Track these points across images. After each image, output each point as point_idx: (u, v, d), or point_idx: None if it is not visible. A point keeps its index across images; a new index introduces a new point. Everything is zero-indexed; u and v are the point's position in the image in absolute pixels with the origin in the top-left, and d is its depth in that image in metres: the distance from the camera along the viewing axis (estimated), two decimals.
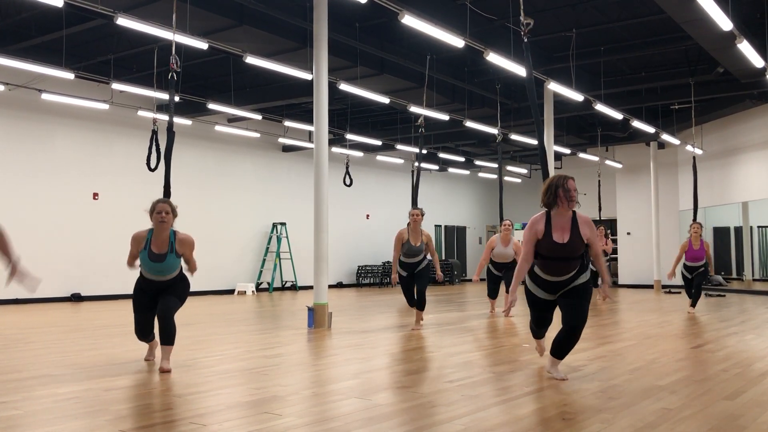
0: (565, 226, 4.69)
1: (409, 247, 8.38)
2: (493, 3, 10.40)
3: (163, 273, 5.51)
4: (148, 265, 5.47)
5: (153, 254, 5.42)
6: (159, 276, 5.52)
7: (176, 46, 7.07)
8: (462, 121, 15.01)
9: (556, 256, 4.66)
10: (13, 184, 13.46)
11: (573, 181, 4.78)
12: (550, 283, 4.80)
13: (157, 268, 5.46)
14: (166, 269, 5.49)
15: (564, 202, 4.67)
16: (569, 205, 4.68)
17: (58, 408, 4.12)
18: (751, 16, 10.91)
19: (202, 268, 19.15)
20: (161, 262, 5.43)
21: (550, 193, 4.72)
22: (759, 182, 16.71)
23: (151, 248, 5.42)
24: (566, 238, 4.66)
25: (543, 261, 4.73)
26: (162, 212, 5.39)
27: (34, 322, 9.67)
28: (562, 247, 4.65)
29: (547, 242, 4.67)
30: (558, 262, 4.69)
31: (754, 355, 6.35)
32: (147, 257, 5.43)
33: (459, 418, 3.82)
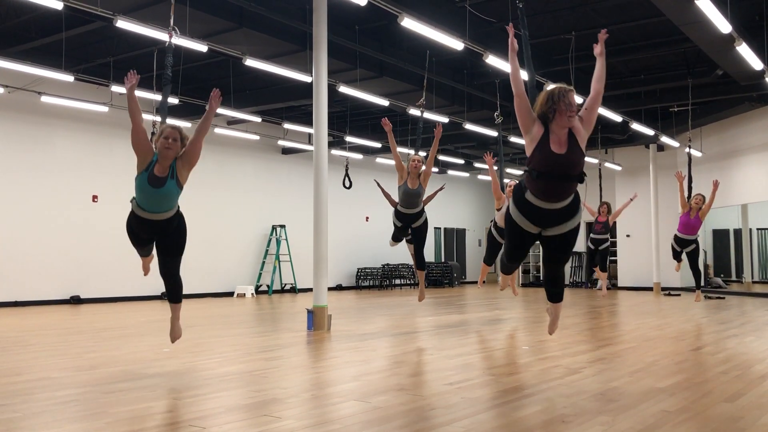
0: (563, 138, 4.20)
1: (405, 189, 7.89)
2: (493, 5, 10.42)
3: (160, 205, 4.92)
4: (146, 192, 4.86)
5: (153, 177, 4.85)
6: (155, 210, 4.92)
7: (176, 48, 7.05)
8: (461, 124, 15.02)
9: (554, 171, 4.14)
10: (12, 187, 13.46)
11: (573, 94, 4.31)
12: (542, 211, 4.24)
13: (155, 197, 4.86)
14: (163, 199, 4.90)
15: (564, 114, 4.16)
16: (569, 119, 4.18)
17: (58, 411, 4.12)
18: (749, 19, 10.93)
19: (202, 270, 19.12)
20: (161, 187, 4.85)
21: (550, 102, 4.20)
22: (758, 185, 16.72)
23: (153, 171, 4.88)
24: (564, 149, 4.17)
25: (539, 181, 4.18)
26: (169, 138, 4.91)
27: (33, 325, 9.67)
28: (560, 158, 4.15)
29: (544, 151, 4.15)
30: (556, 181, 4.16)
31: (753, 357, 6.35)
32: (146, 181, 4.84)
33: (458, 420, 3.82)
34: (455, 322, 9.87)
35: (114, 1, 8.99)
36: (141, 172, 4.90)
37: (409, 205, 7.92)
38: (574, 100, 4.24)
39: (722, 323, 9.68)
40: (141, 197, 4.92)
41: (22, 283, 13.48)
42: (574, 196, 4.29)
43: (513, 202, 4.39)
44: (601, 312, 11.86)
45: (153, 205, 4.90)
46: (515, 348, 7.04)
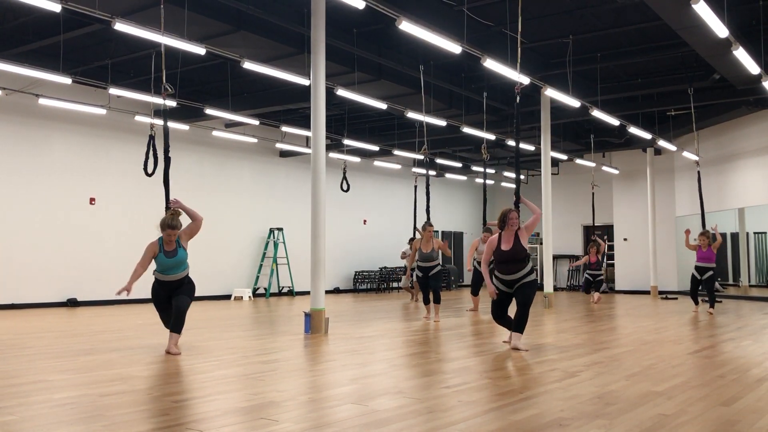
0: (510, 239, 7.01)
1: (421, 253, 10.65)
2: (490, 9, 10.44)
3: (176, 269, 6.78)
4: (164, 263, 6.74)
5: (167, 252, 6.78)
6: (172, 273, 6.77)
7: (173, 51, 7.10)
8: (459, 127, 15.03)
9: (504, 259, 6.98)
10: (9, 189, 13.44)
11: (514, 213, 7.07)
12: (506, 280, 7.00)
13: (170, 264, 6.75)
14: (177, 264, 6.79)
15: (508, 227, 7.06)
16: (510, 229, 7.05)
17: (54, 414, 4.11)
18: (746, 23, 10.96)
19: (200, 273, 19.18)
20: (174, 257, 6.77)
21: (501, 221, 7.10)
22: (755, 188, 16.76)
23: (165, 249, 6.80)
24: (509, 247, 6.98)
25: (499, 264, 7.03)
26: (171, 235, 6.81)
27: (30, 328, 9.65)
28: (504, 252, 6.98)
29: (498, 251, 7.05)
30: (506, 265, 6.97)
31: (750, 360, 6.35)
32: (164, 257, 6.75)
33: (456, 423, 3.82)
34: (452, 326, 9.87)
35: (112, 4, 8.99)
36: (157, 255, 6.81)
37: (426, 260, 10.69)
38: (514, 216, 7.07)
39: (719, 327, 9.69)
40: (160, 269, 6.81)
41: (19, 286, 13.45)
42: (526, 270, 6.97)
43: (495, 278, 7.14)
44: (599, 315, 11.87)
45: (170, 270, 6.81)
46: (512, 351, 7.04)
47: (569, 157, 19.85)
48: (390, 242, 21.98)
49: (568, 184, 22.88)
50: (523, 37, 11.78)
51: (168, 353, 6.61)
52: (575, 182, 22.67)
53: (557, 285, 22.45)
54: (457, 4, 9.96)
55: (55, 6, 8.05)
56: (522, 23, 10.08)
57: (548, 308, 13.38)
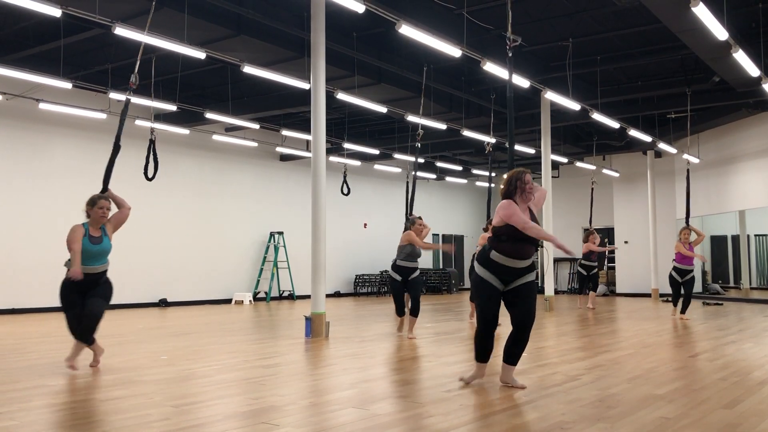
0: (525, 210, 5.09)
1: (413, 249, 8.74)
2: (490, 13, 10.45)
3: (98, 259, 6.05)
4: (88, 250, 5.97)
5: (92, 237, 6.03)
6: (93, 264, 6.00)
7: (174, 55, 7.09)
8: (459, 130, 15.04)
9: (521, 236, 4.92)
10: (10, 194, 13.45)
11: (530, 175, 5.19)
12: (508, 269, 4.98)
13: (94, 252, 6.00)
14: (101, 253, 6.06)
15: (524, 194, 5.09)
16: (526, 197, 5.08)
17: (55, 418, 4.10)
18: (746, 26, 10.97)
19: (199, 277, 19.07)
20: (99, 244, 6.04)
21: (511, 186, 5.11)
22: (756, 191, 16.75)
23: (90, 233, 6.04)
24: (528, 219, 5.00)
25: (506, 243, 4.96)
26: (104, 208, 6.11)
27: (31, 332, 9.65)
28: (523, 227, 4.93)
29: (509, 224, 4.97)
30: (522, 244, 4.94)
31: (752, 363, 6.34)
32: (88, 242, 5.99)
33: (456, 428, 3.81)
34: (453, 329, 9.86)
35: (112, 9, 9.01)
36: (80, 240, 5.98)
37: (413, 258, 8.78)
38: (529, 179, 5.16)
39: (720, 329, 9.67)
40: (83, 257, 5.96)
41: (19, 291, 13.45)
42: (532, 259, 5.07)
43: (482, 267, 5.09)
44: (599, 318, 11.86)
45: (93, 260, 6.02)
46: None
47: (569, 160, 19.85)
48: (390, 246, 21.86)
49: (569, 186, 22.87)
50: (523, 40, 11.81)
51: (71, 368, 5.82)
52: (576, 185, 22.65)
53: (558, 288, 22.43)
54: (456, 8, 9.97)
55: (55, 11, 8.06)
56: (522, 26, 10.10)
57: (549, 311, 13.36)
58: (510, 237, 4.94)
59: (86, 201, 6.16)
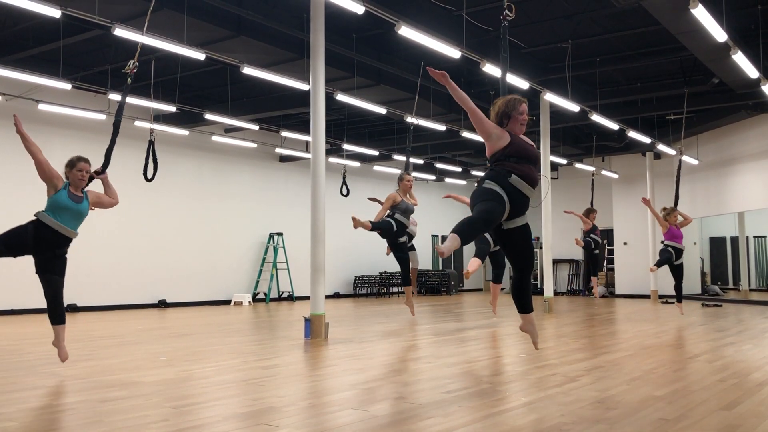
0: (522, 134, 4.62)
1: (407, 206, 8.77)
2: (490, 14, 10.45)
3: (74, 221, 5.63)
4: (67, 204, 5.55)
5: (72, 194, 5.63)
6: (70, 226, 5.59)
7: (173, 56, 7.08)
8: (458, 132, 15.05)
9: (529, 155, 4.43)
10: (9, 195, 13.44)
11: (525, 104, 4.61)
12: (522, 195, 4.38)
13: (73, 209, 5.60)
14: (78, 215, 5.66)
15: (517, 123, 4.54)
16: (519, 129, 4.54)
17: (54, 420, 4.10)
18: (745, 27, 10.98)
19: (198, 278, 18.98)
20: (79, 204, 5.65)
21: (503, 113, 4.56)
22: (755, 192, 16.76)
23: (71, 191, 5.65)
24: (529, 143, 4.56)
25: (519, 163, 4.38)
26: (83, 170, 5.75)
27: (30, 333, 9.64)
28: (531, 148, 4.51)
29: (517, 142, 4.45)
30: (532, 166, 4.44)
31: (751, 365, 6.35)
32: (67, 196, 5.57)
33: (456, 429, 3.81)
34: (453, 330, 9.86)
35: (112, 10, 9.02)
36: (58, 191, 5.58)
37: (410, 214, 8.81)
38: (525, 109, 4.55)
39: (720, 331, 9.68)
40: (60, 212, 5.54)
41: (18, 292, 13.43)
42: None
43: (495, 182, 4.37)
44: (599, 320, 11.86)
45: (70, 219, 5.59)
46: (513, 356, 7.03)
47: (569, 162, 19.86)
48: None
49: (568, 188, 22.88)
50: (522, 41, 11.86)
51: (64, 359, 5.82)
52: (575, 186, 22.66)
53: (557, 289, 22.43)
54: (456, 9, 9.98)
55: (54, 12, 8.07)
56: (521, 28, 10.11)
57: (548, 313, 13.36)
58: (522, 157, 4.39)
59: (66, 162, 5.83)
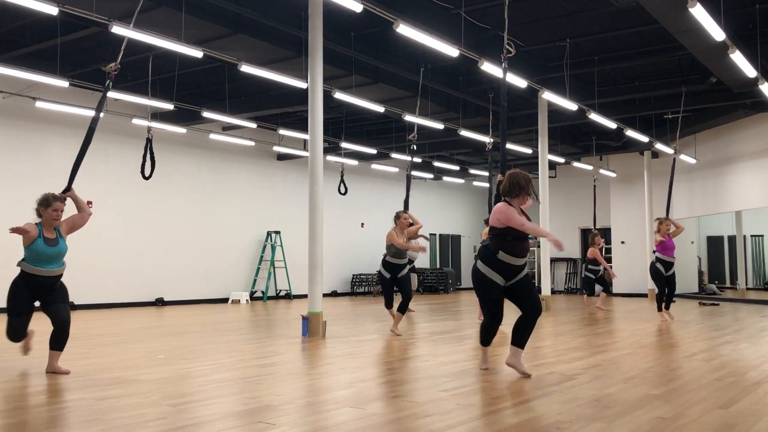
0: (519, 211, 5.46)
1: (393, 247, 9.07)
2: (488, 12, 10.46)
3: (56, 262, 5.73)
4: (44, 252, 5.67)
5: (47, 239, 5.71)
6: (50, 267, 5.71)
7: (171, 54, 7.07)
8: (457, 130, 15.05)
9: (522, 235, 5.35)
10: (6, 193, 13.41)
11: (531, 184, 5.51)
12: (510, 267, 5.39)
13: (51, 254, 5.69)
14: (58, 256, 5.75)
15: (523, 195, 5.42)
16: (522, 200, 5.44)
17: (51, 418, 4.09)
18: (743, 27, 10.99)
19: (196, 276, 18.95)
20: (56, 246, 5.73)
21: (515, 187, 5.39)
22: (752, 191, 16.78)
23: (45, 236, 5.73)
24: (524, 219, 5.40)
25: (512, 242, 5.34)
26: (59, 210, 5.79)
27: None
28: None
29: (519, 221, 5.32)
30: (522, 242, 5.39)
31: (748, 363, 6.36)
32: (43, 244, 5.68)
33: (453, 427, 3.81)
34: (450, 329, 9.86)
35: (109, 7, 8.99)
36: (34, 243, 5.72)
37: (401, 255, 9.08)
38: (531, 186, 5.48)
39: (717, 330, 9.69)
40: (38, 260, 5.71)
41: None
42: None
43: (485, 265, 5.43)
44: (596, 318, 11.87)
45: (50, 262, 5.72)
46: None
47: (567, 160, 19.87)
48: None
49: (566, 187, 22.90)
50: (521, 40, 11.84)
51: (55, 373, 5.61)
52: (573, 185, 22.69)
53: (554, 288, 22.45)
54: (454, 8, 9.97)
55: (52, 9, 8.05)
56: (519, 26, 10.10)
57: (546, 311, 13.37)
58: (515, 236, 5.33)
59: (38, 199, 5.81)
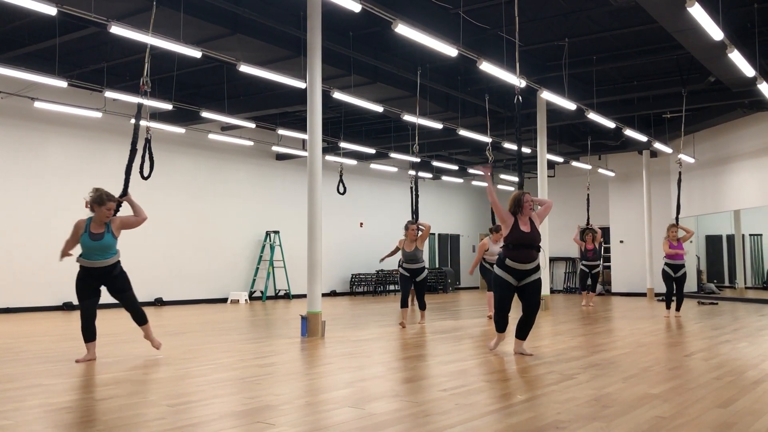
0: (527, 223, 6.47)
1: (405, 253, 10.08)
2: (486, 12, 10.46)
3: (101, 254, 6.26)
4: (88, 245, 6.22)
5: (92, 234, 6.25)
6: (96, 259, 6.25)
7: (169, 54, 7.09)
8: (455, 130, 15.05)
9: (522, 243, 6.35)
10: (5, 193, 13.41)
11: (529, 195, 6.56)
12: (518, 270, 6.40)
13: (95, 247, 6.22)
14: (103, 249, 6.25)
15: (523, 211, 6.48)
16: (524, 211, 6.47)
17: (50, 418, 4.09)
18: (741, 26, 11.00)
19: (195, 276, 18.99)
20: (99, 240, 6.24)
21: (515, 205, 6.52)
22: (751, 190, 16.80)
23: (91, 230, 6.27)
24: (528, 229, 6.43)
25: (513, 251, 6.39)
26: (111, 210, 6.38)
27: (26, 332, 9.62)
28: (526, 235, 6.39)
29: (515, 232, 6.41)
30: (522, 250, 6.36)
31: (747, 363, 6.36)
32: (88, 238, 6.23)
33: (453, 426, 3.81)
34: (449, 328, 9.86)
35: (107, 7, 8.99)
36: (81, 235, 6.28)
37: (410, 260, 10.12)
38: (528, 199, 6.50)
39: (715, 329, 9.70)
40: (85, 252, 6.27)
41: (15, 290, 13.41)
42: (538, 261, 6.46)
43: (499, 268, 6.52)
44: (595, 318, 11.88)
45: (96, 255, 6.27)
46: (509, 354, 7.03)
47: (565, 160, 19.88)
48: (386, 245, 21.79)
49: (565, 186, 22.90)
50: (519, 39, 11.84)
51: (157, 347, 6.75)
52: (571, 184, 22.69)
53: (554, 287, 22.46)
54: (452, 7, 9.97)
55: (50, 9, 8.04)
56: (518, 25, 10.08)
57: (545, 310, 13.37)
58: (515, 245, 6.38)
59: (93, 196, 6.37)
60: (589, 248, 14.60)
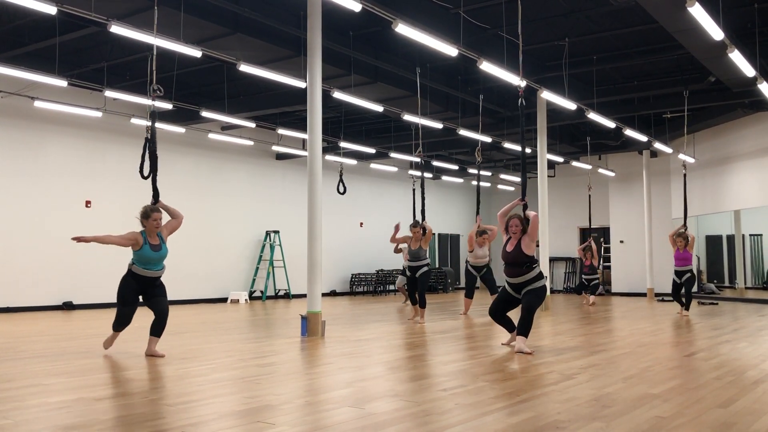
0: (513, 243, 7.05)
1: (410, 251, 10.63)
2: (487, 12, 10.46)
3: (159, 264, 6.72)
4: (150, 257, 6.63)
5: (153, 246, 6.66)
6: (155, 269, 6.70)
7: (169, 54, 7.09)
8: (455, 130, 15.05)
9: (506, 261, 7.07)
10: (5, 192, 13.41)
11: (515, 220, 7.05)
12: (511, 284, 7.12)
13: (156, 258, 6.67)
14: (162, 259, 6.72)
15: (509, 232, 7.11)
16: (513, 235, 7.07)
17: (49, 417, 4.09)
18: (742, 26, 11.00)
19: (195, 275, 18.98)
20: (159, 251, 6.69)
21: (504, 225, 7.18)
22: (751, 190, 16.80)
23: (150, 242, 6.66)
24: (511, 249, 7.04)
25: (504, 266, 7.15)
26: (157, 219, 6.73)
27: (25, 331, 9.62)
28: (508, 254, 7.06)
29: (503, 250, 7.17)
30: (508, 267, 7.08)
31: (747, 363, 6.36)
32: (150, 249, 6.64)
33: (453, 426, 3.81)
34: (449, 328, 9.86)
35: (108, 7, 8.98)
36: (141, 248, 6.62)
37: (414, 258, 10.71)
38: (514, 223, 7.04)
39: (715, 329, 9.70)
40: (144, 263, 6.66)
41: (14, 289, 13.41)
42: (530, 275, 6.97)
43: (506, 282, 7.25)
44: (595, 318, 11.88)
45: (155, 265, 6.72)
46: (509, 354, 7.03)
47: (565, 160, 19.88)
48: (386, 245, 21.83)
49: (565, 186, 22.91)
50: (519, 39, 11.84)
51: (152, 356, 6.67)
52: (571, 184, 22.70)
53: (554, 287, 22.46)
54: (453, 7, 9.97)
55: (50, 8, 8.03)
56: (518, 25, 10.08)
57: (545, 310, 13.37)
58: (505, 263, 7.13)
59: (140, 213, 6.73)
60: (586, 264, 15.89)
